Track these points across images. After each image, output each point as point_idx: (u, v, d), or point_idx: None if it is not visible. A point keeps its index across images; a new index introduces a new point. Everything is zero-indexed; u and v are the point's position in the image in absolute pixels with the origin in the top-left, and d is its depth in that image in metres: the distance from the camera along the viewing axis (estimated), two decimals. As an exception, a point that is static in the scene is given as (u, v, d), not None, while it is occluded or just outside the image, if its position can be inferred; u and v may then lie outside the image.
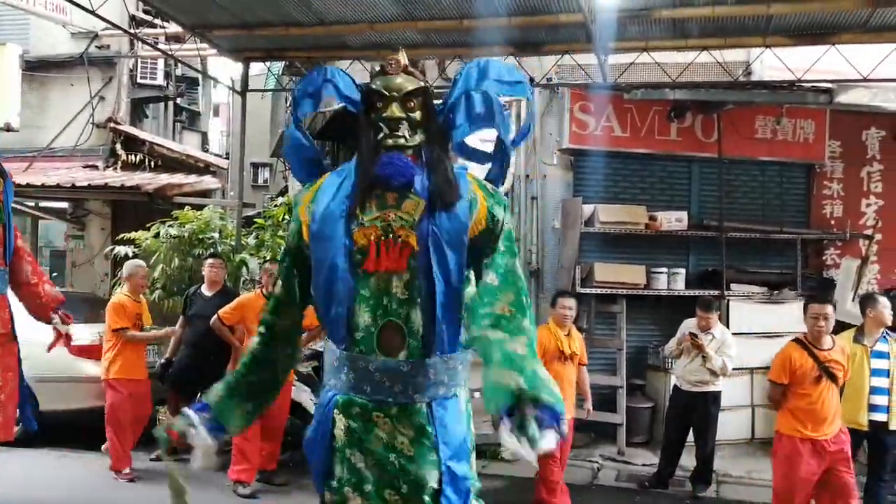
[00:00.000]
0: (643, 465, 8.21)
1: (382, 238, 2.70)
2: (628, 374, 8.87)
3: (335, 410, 2.76)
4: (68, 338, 5.99)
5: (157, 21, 11.66)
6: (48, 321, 5.93)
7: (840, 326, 6.66)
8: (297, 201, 2.93)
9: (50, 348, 5.97)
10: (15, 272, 5.67)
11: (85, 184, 11.14)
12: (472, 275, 2.87)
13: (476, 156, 3.16)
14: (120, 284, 9.50)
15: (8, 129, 12.08)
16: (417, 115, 2.84)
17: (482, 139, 3.20)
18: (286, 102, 18.90)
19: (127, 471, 7.13)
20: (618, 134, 9.42)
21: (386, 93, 2.81)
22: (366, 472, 2.72)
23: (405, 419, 2.73)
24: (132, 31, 11.08)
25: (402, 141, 2.80)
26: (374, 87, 2.84)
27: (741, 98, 9.18)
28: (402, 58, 2.89)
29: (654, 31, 8.10)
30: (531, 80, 9.01)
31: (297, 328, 3.09)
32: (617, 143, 9.42)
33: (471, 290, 2.83)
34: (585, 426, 8.87)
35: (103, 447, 7.57)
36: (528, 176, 9.51)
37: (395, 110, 2.80)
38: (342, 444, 2.75)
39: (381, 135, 2.80)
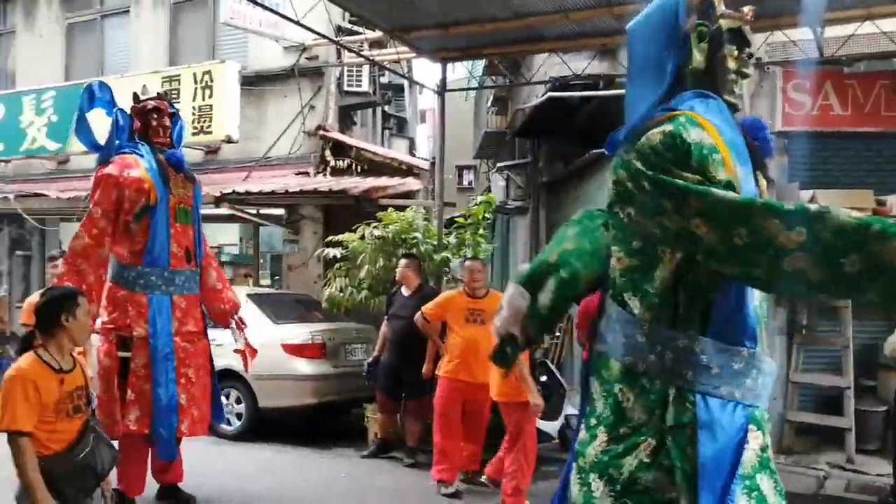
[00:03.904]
0: (877, 475, 7.44)
1: None
2: (857, 375, 8.12)
3: (751, 426, 2.31)
4: (251, 350, 6.26)
5: (360, 29, 12.03)
6: (226, 326, 6.26)
7: None
8: (704, 145, 2.48)
9: (244, 353, 6.27)
10: (202, 277, 6.01)
11: (297, 189, 11.66)
12: None
13: None
14: (329, 284, 9.87)
15: (229, 140, 12.90)
16: None
17: None
18: (487, 102, 19.04)
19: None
20: (837, 112, 8.66)
21: (749, 47, 2.61)
22: (773, 499, 2.30)
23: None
24: (336, 39, 11.47)
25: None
26: (744, 32, 2.59)
27: (985, 64, 8.21)
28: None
29: (878, -4, 7.35)
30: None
31: None
32: (836, 122, 8.68)
33: None
34: (807, 430, 8.26)
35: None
36: (738, 162, 8.92)
37: (749, 68, 2.65)
38: (753, 468, 2.30)
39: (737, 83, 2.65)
